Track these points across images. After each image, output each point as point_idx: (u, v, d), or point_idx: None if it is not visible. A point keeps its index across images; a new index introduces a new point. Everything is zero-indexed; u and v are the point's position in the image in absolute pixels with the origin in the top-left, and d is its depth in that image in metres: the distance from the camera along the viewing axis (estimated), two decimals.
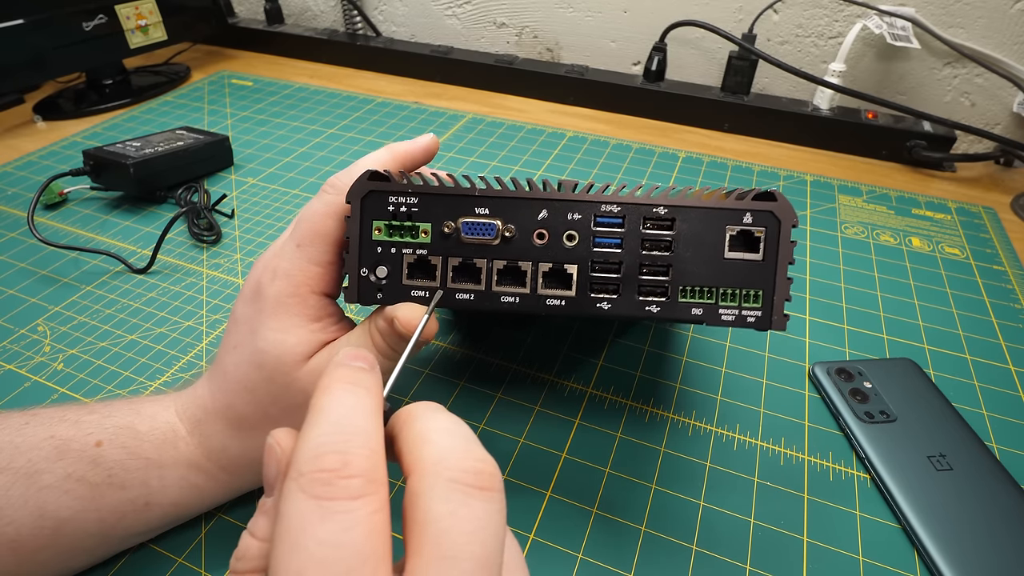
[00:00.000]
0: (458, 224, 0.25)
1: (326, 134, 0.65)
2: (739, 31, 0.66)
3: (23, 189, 0.55)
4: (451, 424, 0.17)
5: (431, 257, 0.25)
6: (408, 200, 0.25)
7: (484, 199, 0.25)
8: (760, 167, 0.61)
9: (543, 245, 0.25)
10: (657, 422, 0.35)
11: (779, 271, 0.24)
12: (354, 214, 0.25)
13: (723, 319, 0.24)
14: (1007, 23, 0.60)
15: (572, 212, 0.25)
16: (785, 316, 0.24)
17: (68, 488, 0.24)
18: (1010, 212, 0.56)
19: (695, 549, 0.29)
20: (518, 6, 0.78)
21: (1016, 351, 0.40)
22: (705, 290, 0.25)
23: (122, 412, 0.26)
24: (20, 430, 0.25)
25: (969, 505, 0.30)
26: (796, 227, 0.24)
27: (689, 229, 0.24)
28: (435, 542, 0.14)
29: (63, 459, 0.24)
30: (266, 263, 0.26)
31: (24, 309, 0.42)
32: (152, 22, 0.72)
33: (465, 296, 0.25)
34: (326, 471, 0.15)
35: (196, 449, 0.26)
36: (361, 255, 0.25)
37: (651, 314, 0.24)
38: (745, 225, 0.24)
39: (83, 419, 0.26)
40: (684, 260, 0.24)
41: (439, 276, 0.25)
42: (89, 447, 0.25)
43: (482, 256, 0.25)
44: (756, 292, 0.24)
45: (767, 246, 0.24)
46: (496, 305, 0.25)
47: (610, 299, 0.25)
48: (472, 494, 0.15)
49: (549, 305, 0.25)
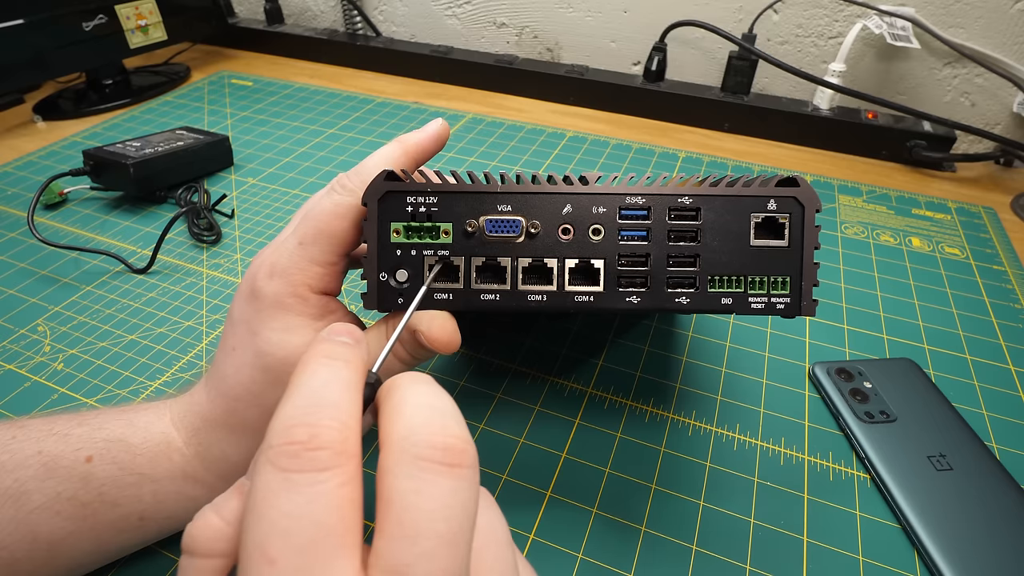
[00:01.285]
0: (481, 222, 0.24)
1: (326, 134, 0.65)
2: (739, 31, 0.66)
3: (23, 189, 0.55)
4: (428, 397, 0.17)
5: (454, 258, 0.24)
6: (427, 200, 0.24)
7: (507, 195, 0.24)
8: (760, 167, 0.61)
9: (569, 240, 0.24)
10: (657, 422, 0.35)
11: (805, 256, 0.24)
12: (371, 216, 0.23)
13: (753, 307, 0.24)
14: (1007, 23, 0.60)
15: (597, 206, 0.24)
16: (814, 301, 0.24)
17: (59, 509, 0.23)
18: (1010, 212, 0.56)
19: (695, 549, 0.29)
20: (518, 6, 0.78)
21: (1016, 351, 0.40)
22: (733, 279, 0.24)
23: (113, 424, 0.25)
24: (7, 446, 0.23)
25: (969, 505, 0.30)
26: (819, 211, 0.24)
27: (714, 218, 0.24)
28: (398, 520, 0.14)
29: (52, 477, 0.23)
30: (263, 259, 0.25)
31: (24, 309, 0.42)
32: (152, 22, 0.72)
33: (491, 296, 0.24)
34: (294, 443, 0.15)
35: (193, 460, 0.25)
36: (380, 259, 0.24)
37: (681, 306, 0.24)
38: (769, 212, 0.24)
39: (72, 432, 0.24)
40: (711, 249, 0.24)
41: (463, 277, 0.24)
42: (79, 463, 0.23)
43: (506, 254, 0.24)
44: (784, 278, 0.24)
45: (792, 232, 0.24)
46: (523, 304, 0.24)
47: (639, 292, 0.24)
48: (439, 471, 0.15)
49: (577, 302, 0.24)
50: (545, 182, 0.24)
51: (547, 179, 0.24)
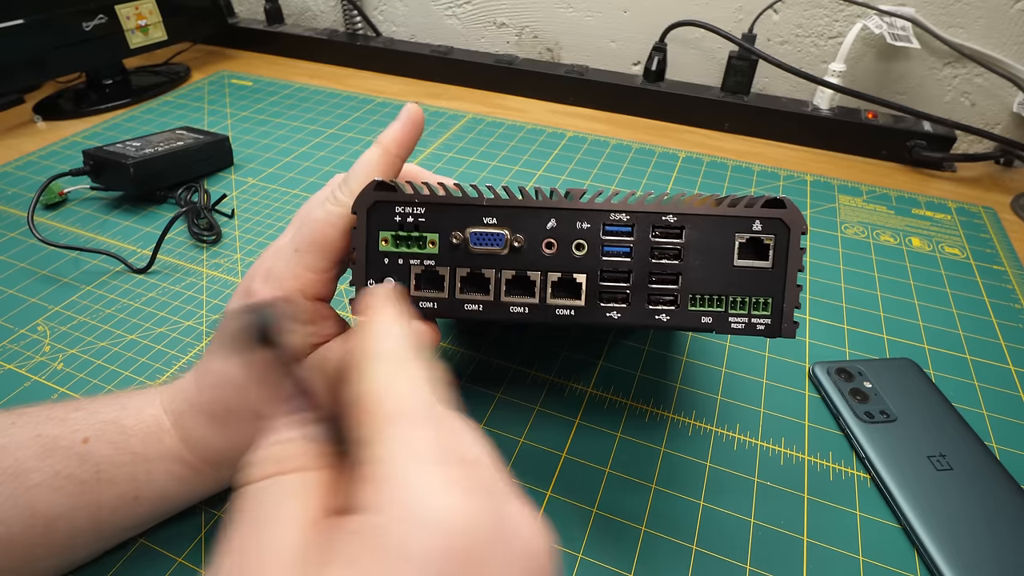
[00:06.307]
0: (466, 234, 0.24)
1: (326, 134, 0.65)
2: (739, 31, 0.66)
3: (23, 189, 0.55)
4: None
5: (439, 268, 0.25)
6: (415, 210, 0.24)
7: (492, 209, 0.24)
8: (760, 167, 0.61)
9: (552, 254, 0.24)
10: (657, 422, 0.35)
11: (788, 278, 0.24)
12: (360, 225, 0.24)
13: (733, 327, 0.24)
14: (1007, 23, 0.60)
15: (581, 221, 0.24)
16: (795, 323, 0.24)
17: (57, 486, 0.24)
18: (1010, 212, 0.56)
19: (695, 549, 0.29)
20: (518, 6, 0.78)
21: (1016, 351, 0.40)
22: (715, 298, 0.24)
23: (108, 407, 0.26)
24: (6, 431, 0.24)
25: (969, 505, 0.30)
26: (805, 234, 0.24)
27: (698, 237, 0.24)
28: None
29: (51, 457, 0.24)
30: (262, 262, 0.26)
31: (24, 309, 0.42)
32: (152, 22, 0.72)
33: (474, 307, 0.25)
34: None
35: (179, 442, 0.26)
36: (368, 266, 0.25)
37: (661, 323, 0.24)
38: (754, 232, 0.24)
39: (69, 416, 0.25)
40: (693, 268, 0.24)
41: (447, 287, 0.25)
42: (76, 444, 0.25)
43: (491, 266, 0.25)
44: (765, 300, 0.24)
45: (776, 254, 0.24)
46: (505, 315, 0.25)
47: (619, 308, 0.24)
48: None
49: (558, 315, 0.25)
50: (530, 196, 0.25)
51: (533, 193, 0.25)
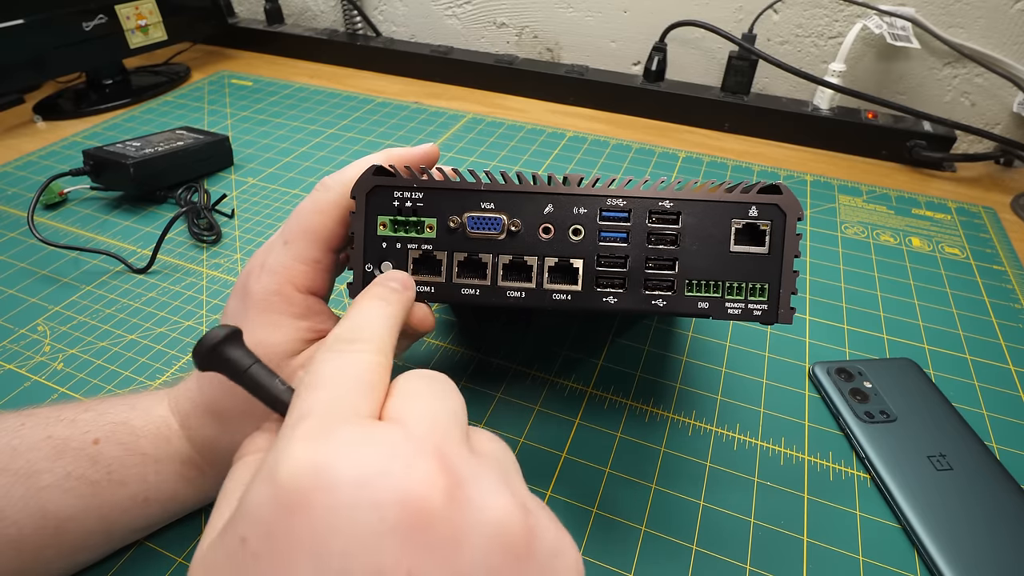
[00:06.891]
0: (464, 219, 0.25)
1: (326, 134, 0.65)
2: (739, 31, 0.66)
3: (23, 189, 0.55)
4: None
5: (436, 252, 0.25)
6: (413, 195, 0.25)
7: (490, 194, 0.25)
8: (760, 167, 0.61)
9: (549, 239, 0.25)
10: (657, 422, 0.35)
11: (785, 264, 0.24)
12: (359, 209, 0.24)
13: (729, 313, 0.24)
14: (1007, 23, 0.60)
15: (578, 206, 0.24)
16: (791, 309, 0.24)
17: (69, 487, 0.24)
18: (1010, 212, 0.56)
19: (695, 549, 0.29)
20: (518, 6, 0.78)
21: (1016, 351, 0.40)
22: (711, 284, 0.24)
23: (117, 408, 0.26)
24: (17, 432, 0.24)
25: (969, 505, 0.30)
26: (801, 220, 0.24)
27: (695, 223, 0.24)
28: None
29: (62, 458, 0.24)
30: (256, 258, 0.26)
31: (24, 309, 0.42)
32: (152, 22, 0.72)
33: (471, 291, 0.25)
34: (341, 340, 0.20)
35: (186, 443, 0.26)
36: (366, 251, 0.25)
37: (657, 308, 0.24)
38: (751, 218, 0.24)
39: (79, 417, 0.26)
40: (690, 254, 0.24)
41: (444, 271, 0.25)
42: (87, 445, 0.25)
43: (488, 251, 0.25)
44: (762, 285, 0.24)
45: (773, 239, 0.24)
46: (502, 300, 0.25)
47: (616, 293, 0.24)
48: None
49: (555, 300, 0.25)
50: (528, 182, 0.25)
51: (531, 179, 0.25)
